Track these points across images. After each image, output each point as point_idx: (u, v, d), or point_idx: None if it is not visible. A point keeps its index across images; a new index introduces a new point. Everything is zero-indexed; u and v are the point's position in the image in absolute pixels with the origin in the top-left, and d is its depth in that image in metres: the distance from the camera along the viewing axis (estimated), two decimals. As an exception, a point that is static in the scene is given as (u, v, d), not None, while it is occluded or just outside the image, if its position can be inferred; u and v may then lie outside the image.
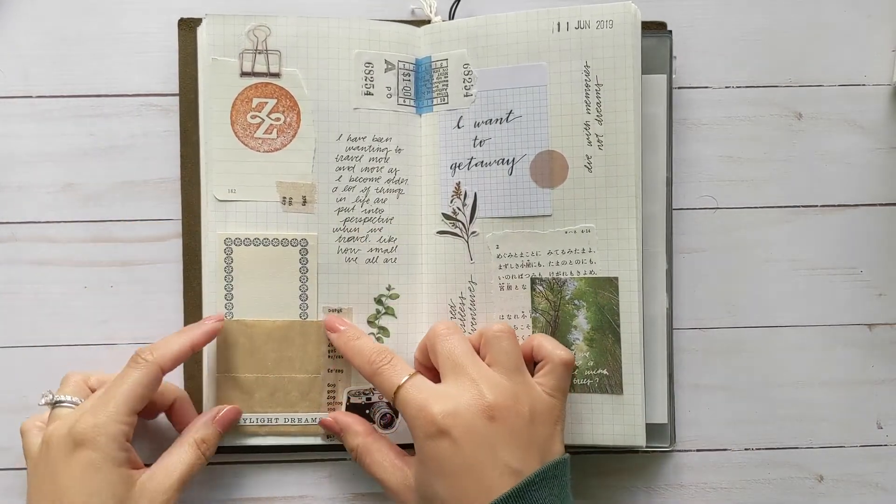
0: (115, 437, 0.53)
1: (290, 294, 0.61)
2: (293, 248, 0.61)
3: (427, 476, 0.53)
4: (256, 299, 0.61)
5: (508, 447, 0.52)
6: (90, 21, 0.63)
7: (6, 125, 0.63)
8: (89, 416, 0.53)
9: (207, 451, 0.57)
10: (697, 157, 0.65)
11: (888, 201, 0.65)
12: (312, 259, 0.61)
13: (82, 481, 0.52)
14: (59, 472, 0.53)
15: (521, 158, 0.61)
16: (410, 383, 0.55)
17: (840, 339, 0.65)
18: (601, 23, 0.59)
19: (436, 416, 0.52)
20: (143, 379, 0.55)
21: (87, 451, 0.52)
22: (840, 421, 0.65)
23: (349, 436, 0.59)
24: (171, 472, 0.55)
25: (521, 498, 0.51)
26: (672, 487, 0.64)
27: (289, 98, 0.61)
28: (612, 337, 0.60)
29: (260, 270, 0.61)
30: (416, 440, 0.54)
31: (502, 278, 0.61)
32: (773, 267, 0.65)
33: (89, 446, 0.52)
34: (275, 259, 0.61)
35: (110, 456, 0.53)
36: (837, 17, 0.65)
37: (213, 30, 0.60)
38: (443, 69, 0.62)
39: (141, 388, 0.55)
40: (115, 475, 0.53)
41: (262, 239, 0.61)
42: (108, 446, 0.53)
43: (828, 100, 0.65)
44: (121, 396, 0.54)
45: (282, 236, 0.61)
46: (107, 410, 0.53)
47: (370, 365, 0.57)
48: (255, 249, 0.61)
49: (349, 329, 0.60)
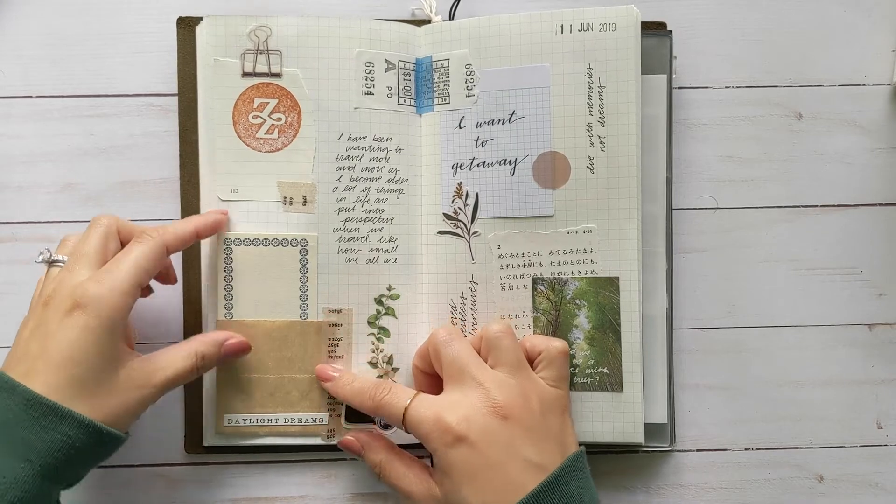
0: (116, 307, 0.51)
1: (290, 294, 0.61)
2: (293, 249, 0.61)
3: (453, 485, 0.53)
4: (256, 299, 0.61)
5: (526, 443, 0.53)
6: (90, 21, 0.63)
7: (6, 125, 0.63)
8: (93, 283, 0.51)
9: (204, 367, 0.56)
10: (697, 157, 0.65)
11: (888, 201, 0.65)
12: (312, 259, 0.61)
13: (75, 342, 0.50)
14: (51, 330, 0.51)
15: (523, 159, 0.61)
16: (416, 402, 0.55)
17: (840, 339, 0.65)
18: (604, 25, 0.59)
19: (451, 425, 0.53)
20: (148, 253, 0.54)
21: (86, 315, 0.50)
22: (840, 421, 0.65)
23: (371, 452, 0.59)
24: (163, 369, 0.54)
25: (553, 491, 0.52)
26: (672, 487, 0.65)
27: (290, 98, 0.61)
28: (612, 336, 0.60)
29: (260, 271, 0.61)
30: (434, 453, 0.54)
31: (504, 278, 0.61)
32: (773, 267, 0.65)
33: (90, 311, 0.50)
34: (275, 259, 0.61)
35: (108, 325, 0.51)
36: (837, 17, 0.65)
37: (214, 30, 0.60)
38: (444, 69, 0.62)
39: (146, 262, 0.53)
40: (108, 346, 0.51)
41: (261, 239, 0.61)
42: (108, 314, 0.51)
43: (828, 100, 0.65)
44: (126, 267, 0.53)
45: (282, 236, 0.61)
46: (111, 279, 0.52)
47: (372, 400, 0.57)
48: (254, 249, 0.60)
49: (343, 375, 0.60)
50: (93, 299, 0.51)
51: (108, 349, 0.51)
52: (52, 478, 0.49)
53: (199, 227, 0.58)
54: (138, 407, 0.53)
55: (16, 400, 0.49)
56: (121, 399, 0.52)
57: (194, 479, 0.63)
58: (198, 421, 0.62)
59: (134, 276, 0.52)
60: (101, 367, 0.51)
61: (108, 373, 0.51)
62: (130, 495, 0.63)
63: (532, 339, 0.59)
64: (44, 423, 0.49)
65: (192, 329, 0.62)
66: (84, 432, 0.50)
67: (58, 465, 0.49)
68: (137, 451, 0.63)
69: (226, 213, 0.60)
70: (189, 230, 0.57)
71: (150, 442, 0.63)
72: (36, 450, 0.49)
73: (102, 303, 0.51)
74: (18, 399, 0.49)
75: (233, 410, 0.61)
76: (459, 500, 0.53)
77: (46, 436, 0.49)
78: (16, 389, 0.49)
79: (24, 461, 0.48)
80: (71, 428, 0.49)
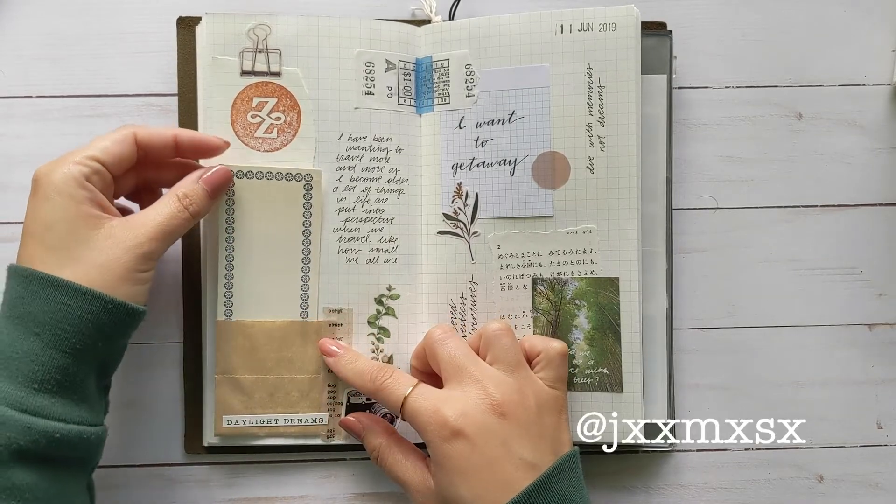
0: (71, 175, 0.51)
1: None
2: (297, 183, 0.60)
3: (447, 478, 0.53)
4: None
5: (521, 441, 0.53)
6: (90, 21, 0.63)
7: (6, 125, 0.63)
8: (53, 161, 0.53)
9: (191, 205, 0.55)
10: (697, 157, 0.65)
11: (888, 201, 0.65)
12: (317, 195, 0.60)
13: (41, 213, 0.51)
14: (28, 211, 0.52)
15: (523, 159, 0.61)
16: (416, 392, 0.55)
17: (840, 339, 0.65)
18: (604, 25, 0.59)
19: (448, 419, 0.53)
20: (114, 135, 0.54)
21: (42, 187, 0.52)
22: (840, 421, 0.65)
23: (370, 435, 0.59)
24: (146, 220, 0.53)
25: (545, 490, 0.52)
26: (672, 487, 0.65)
27: (289, 97, 0.61)
28: (612, 336, 0.60)
29: (263, 205, 0.60)
30: (430, 446, 0.54)
31: (503, 278, 0.61)
32: (773, 267, 0.65)
33: (42, 182, 0.52)
34: (279, 193, 0.60)
35: (64, 191, 0.51)
36: (837, 17, 0.65)
37: (213, 28, 0.60)
38: (444, 69, 0.62)
39: (109, 143, 0.54)
40: (73, 212, 0.51)
41: (265, 172, 0.60)
42: (61, 182, 0.51)
43: (828, 100, 0.65)
44: (86, 146, 0.54)
45: (286, 170, 0.60)
46: (69, 156, 0.53)
47: (372, 383, 0.57)
48: (258, 183, 0.60)
49: (346, 353, 0.60)
50: (44, 173, 0.52)
51: (74, 213, 0.51)
52: (69, 352, 0.50)
53: (180, 134, 0.57)
54: (137, 265, 0.52)
55: (17, 279, 0.51)
56: (111, 261, 0.51)
57: (194, 479, 0.63)
58: (198, 421, 0.62)
59: (88, 150, 0.53)
60: (72, 230, 0.51)
61: (84, 236, 0.51)
62: (130, 495, 0.63)
63: (531, 339, 0.59)
64: (42, 295, 0.50)
65: (193, 329, 0.62)
66: (82, 299, 0.50)
67: (68, 336, 0.50)
68: (137, 451, 0.63)
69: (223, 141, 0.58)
70: (166, 132, 0.56)
71: (150, 442, 0.63)
72: (41, 322, 0.49)
73: (53, 174, 0.52)
74: (17, 276, 0.51)
75: (232, 411, 0.60)
76: (452, 493, 0.53)
77: (47, 307, 0.49)
78: (12, 268, 0.52)
79: (32, 335, 0.49)
80: (65, 295, 0.50)
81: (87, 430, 0.50)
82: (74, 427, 0.49)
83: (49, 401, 0.49)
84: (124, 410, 0.62)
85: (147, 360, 0.63)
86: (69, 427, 0.49)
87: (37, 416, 0.48)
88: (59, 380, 0.49)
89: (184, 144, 0.57)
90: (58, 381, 0.49)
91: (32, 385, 0.49)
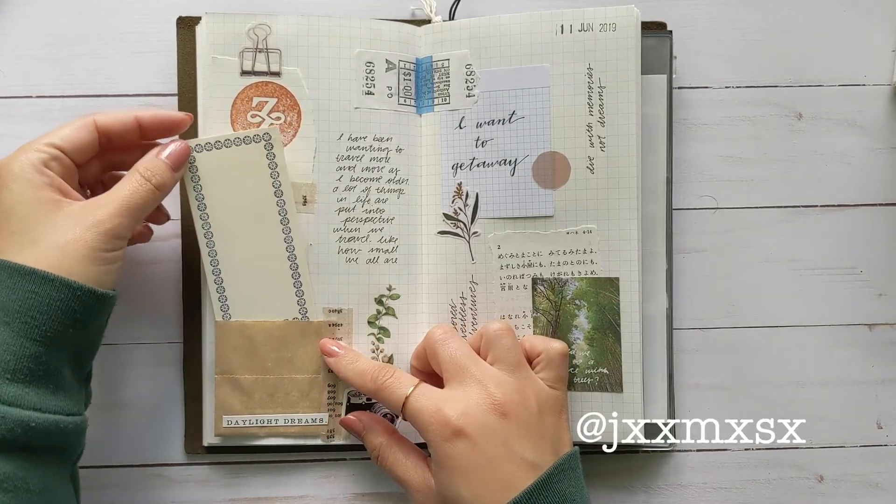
0: (28, 161, 0.51)
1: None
2: (257, 145, 0.59)
3: (447, 478, 0.53)
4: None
5: (521, 441, 0.54)
6: (90, 21, 0.63)
7: (6, 125, 0.62)
8: (13, 152, 0.53)
9: (153, 177, 0.54)
10: (697, 157, 0.65)
11: (888, 201, 0.65)
12: (279, 153, 0.59)
13: (2, 202, 0.51)
14: None
15: (523, 159, 0.61)
16: (418, 392, 0.55)
17: (840, 339, 0.65)
18: (604, 25, 0.59)
19: (450, 419, 0.53)
20: (74, 122, 0.54)
21: (2, 177, 0.52)
22: (840, 421, 0.65)
23: (371, 434, 0.59)
24: (109, 198, 0.53)
25: (546, 490, 0.52)
26: (672, 487, 0.65)
27: (289, 97, 0.61)
28: (612, 336, 0.60)
29: (226, 174, 0.59)
30: (431, 445, 0.54)
31: (503, 278, 0.61)
32: (773, 267, 0.65)
33: (3, 172, 0.52)
34: (241, 161, 0.59)
35: (21, 177, 0.51)
36: (837, 17, 0.65)
37: (213, 28, 0.60)
38: (444, 69, 0.62)
39: (69, 129, 0.53)
40: (30, 196, 0.51)
41: (223, 141, 0.59)
42: (19, 169, 0.51)
43: (828, 100, 0.65)
44: (46, 134, 0.53)
45: (243, 134, 0.59)
46: (28, 145, 0.53)
47: (373, 383, 0.57)
48: (216, 153, 0.59)
49: (346, 353, 0.60)
50: (3, 164, 0.52)
51: (31, 197, 0.51)
52: (40, 340, 0.49)
53: (142, 115, 0.56)
54: (101, 244, 0.51)
55: None
56: (71, 241, 0.51)
57: (194, 479, 0.63)
58: (198, 421, 0.62)
59: (47, 137, 0.53)
60: (30, 213, 0.51)
61: (44, 219, 0.51)
62: (130, 495, 0.62)
63: (531, 339, 0.59)
64: (9, 283, 0.49)
65: (193, 329, 0.62)
66: (49, 286, 0.49)
67: (38, 325, 0.49)
68: (137, 451, 0.63)
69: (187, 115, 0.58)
70: (128, 116, 0.56)
71: (150, 442, 0.63)
72: (9, 310, 0.49)
73: (12, 163, 0.52)
74: None
75: (232, 411, 0.60)
76: (452, 493, 0.53)
77: (14, 296, 0.49)
78: None
79: (2, 324, 0.49)
80: (31, 283, 0.49)
81: (65, 420, 0.49)
82: (51, 416, 0.49)
83: (23, 390, 0.48)
84: (124, 410, 0.62)
85: (147, 360, 0.63)
86: (44, 416, 0.48)
87: (10, 405, 0.47)
88: (32, 368, 0.49)
89: (147, 124, 0.56)
90: (31, 369, 0.49)
91: (5, 375, 0.48)
